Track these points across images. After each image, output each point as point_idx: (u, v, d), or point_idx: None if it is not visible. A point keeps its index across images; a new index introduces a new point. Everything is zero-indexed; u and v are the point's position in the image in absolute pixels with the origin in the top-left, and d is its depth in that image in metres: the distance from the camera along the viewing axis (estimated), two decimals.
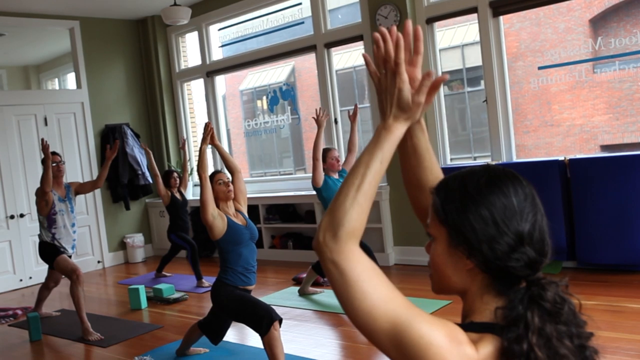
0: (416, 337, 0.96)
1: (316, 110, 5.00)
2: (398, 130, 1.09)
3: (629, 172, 4.70)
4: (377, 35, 1.08)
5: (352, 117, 5.00)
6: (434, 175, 1.28)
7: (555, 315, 1.02)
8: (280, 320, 3.46)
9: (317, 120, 4.90)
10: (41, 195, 4.88)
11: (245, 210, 3.78)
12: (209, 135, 3.69)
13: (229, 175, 3.76)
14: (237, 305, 3.53)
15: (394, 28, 1.08)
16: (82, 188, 5.33)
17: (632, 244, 4.73)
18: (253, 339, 4.20)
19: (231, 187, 3.65)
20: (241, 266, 3.57)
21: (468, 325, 1.06)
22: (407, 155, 1.28)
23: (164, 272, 6.74)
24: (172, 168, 7.17)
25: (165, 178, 6.34)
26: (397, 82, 1.07)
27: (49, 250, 4.97)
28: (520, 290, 1.05)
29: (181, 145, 6.61)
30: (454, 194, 1.10)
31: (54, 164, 4.99)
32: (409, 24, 1.09)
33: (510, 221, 1.05)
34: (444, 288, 1.15)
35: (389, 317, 0.97)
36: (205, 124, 3.74)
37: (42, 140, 4.88)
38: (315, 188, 4.88)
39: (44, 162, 4.88)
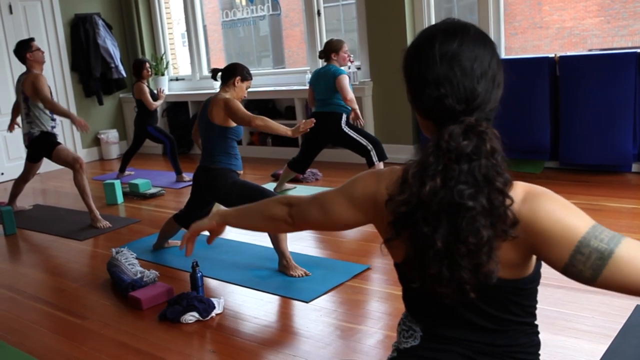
0: None
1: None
2: None
3: (618, 72, 4.57)
4: None
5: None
6: None
7: None
8: None
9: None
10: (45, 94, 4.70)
11: None
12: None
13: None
14: (249, 193, 3.43)
15: None
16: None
17: (614, 145, 4.68)
18: (230, 233, 4.16)
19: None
20: (237, 151, 3.67)
21: None
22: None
23: (127, 172, 6.45)
24: (143, 58, 6.63)
25: (137, 68, 6.03)
26: None
27: (50, 140, 4.83)
28: None
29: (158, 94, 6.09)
30: None
31: (40, 50, 4.84)
32: None
33: None
34: None
35: None
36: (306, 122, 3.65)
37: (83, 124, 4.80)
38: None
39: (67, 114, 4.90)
